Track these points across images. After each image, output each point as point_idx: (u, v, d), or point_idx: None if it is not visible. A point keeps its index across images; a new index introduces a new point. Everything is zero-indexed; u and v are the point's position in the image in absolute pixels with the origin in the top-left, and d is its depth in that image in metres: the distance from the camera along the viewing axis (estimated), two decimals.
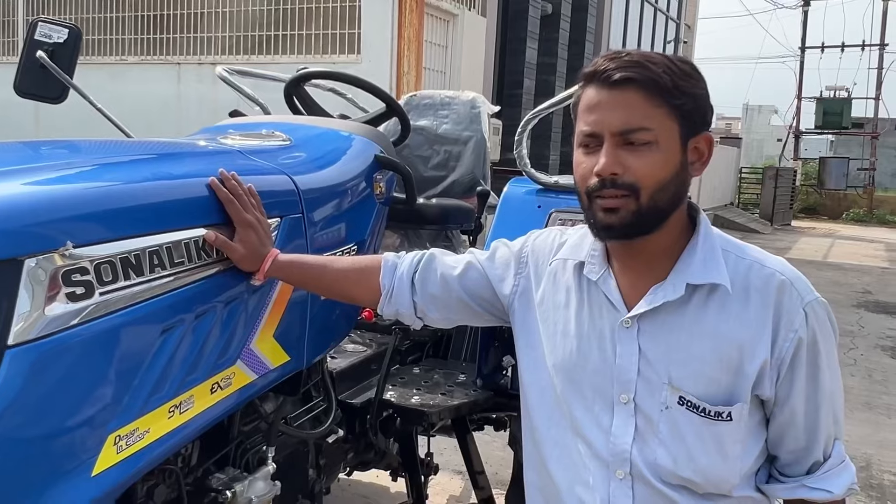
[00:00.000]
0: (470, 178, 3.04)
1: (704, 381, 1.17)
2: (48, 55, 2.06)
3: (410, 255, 1.48)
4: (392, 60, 6.51)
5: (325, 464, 2.02)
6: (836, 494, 1.21)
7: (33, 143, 1.60)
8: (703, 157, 1.21)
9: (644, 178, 1.14)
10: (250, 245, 1.39)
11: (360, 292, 1.49)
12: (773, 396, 1.19)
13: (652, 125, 1.13)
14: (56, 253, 1.07)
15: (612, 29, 12.46)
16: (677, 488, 1.19)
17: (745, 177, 23.66)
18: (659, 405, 1.19)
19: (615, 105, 1.14)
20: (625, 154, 1.14)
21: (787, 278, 1.19)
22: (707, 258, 1.19)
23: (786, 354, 1.17)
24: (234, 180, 1.41)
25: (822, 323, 1.19)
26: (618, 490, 1.21)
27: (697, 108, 1.17)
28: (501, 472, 3.32)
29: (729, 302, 1.18)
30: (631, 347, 1.21)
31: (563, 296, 1.31)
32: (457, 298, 1.43)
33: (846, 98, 26.78)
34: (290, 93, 2.38)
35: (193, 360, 1.30)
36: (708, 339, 1.18)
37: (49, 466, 1.06)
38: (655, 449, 1.19)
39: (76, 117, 3.82)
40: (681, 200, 1.20)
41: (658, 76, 1.13)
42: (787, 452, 1.23)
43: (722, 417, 1.17)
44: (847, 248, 15.06)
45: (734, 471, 1.19)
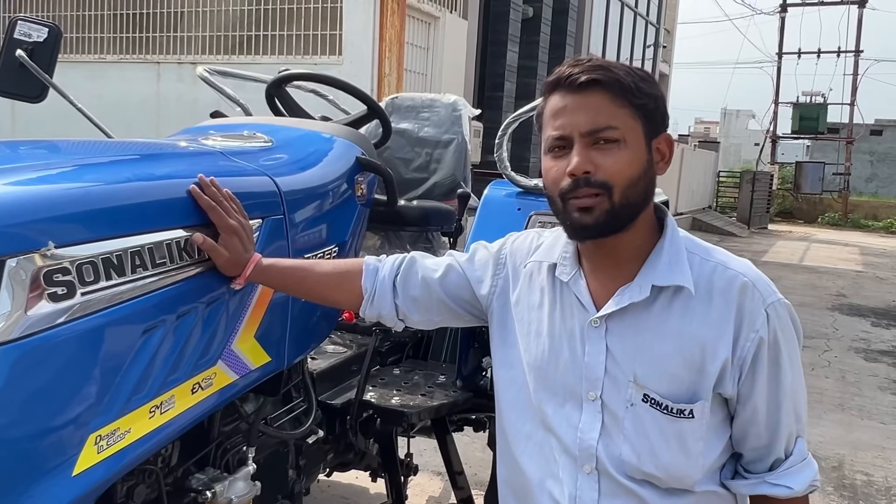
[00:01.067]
0: (451, 180, 3.05)
1: (668, 379, 1.21)
2: (28, 54, 2.05)
3: (391, 258, 1.51)
4: (373, 62, 6.52)
5: (305, 464, 2.02)
6: (796, 491, 1.23)
7: (12, 143, 1.59)
8: (664, 156, 1.26)
9: (615, 176, 1.17)
10: (235, 250, 1.40)
11: (341, 296, 1.52)
12: (735, 395, 1.22)
13: (618, 124, 1.18)
14: (37, 253, 1.07)
15: (593, 32, 12.55)
16: (641, 483, 1.23)
17: (722, 181, 23.89)
18: (624, 402, 1.22)
19: (582, 107, 1.19)
20: (595, 154, 1.18)
21: (749, 280, 1.22)
22: (672, 260, 1.23)
23: (747, 354, 1.20)
24: (213, 186, 1.41)
25: (783, 323, 1.22)
26: (585, 484, 1.24)
27: (657, 108, 1.22)
28: (481, 473, 3.33)
29: (693, 303, 1.21)
30: (599, 346, 1.24)
31: (537, 296, 1.35)
32: (438, 300, 1.46)
33: (822, 103, 27.11)
34: (271, 94, 2.38)
35: (174, 360, 1.30)
36: (672, 338, 1.21)
37: (29, 466, 1.06)
38: (620, 445, 1.23)
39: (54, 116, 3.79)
40: (649, 198, 1.24)
41: (620, 77, 1.18)
42: (750, 450, 1.26)
43: (684, 415, 1.20)
44: (822, 252, 15.26)
45: (696, 467, 1.22)
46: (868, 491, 3.89)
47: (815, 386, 5.68)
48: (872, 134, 31.63)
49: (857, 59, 25.21)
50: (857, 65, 25.24)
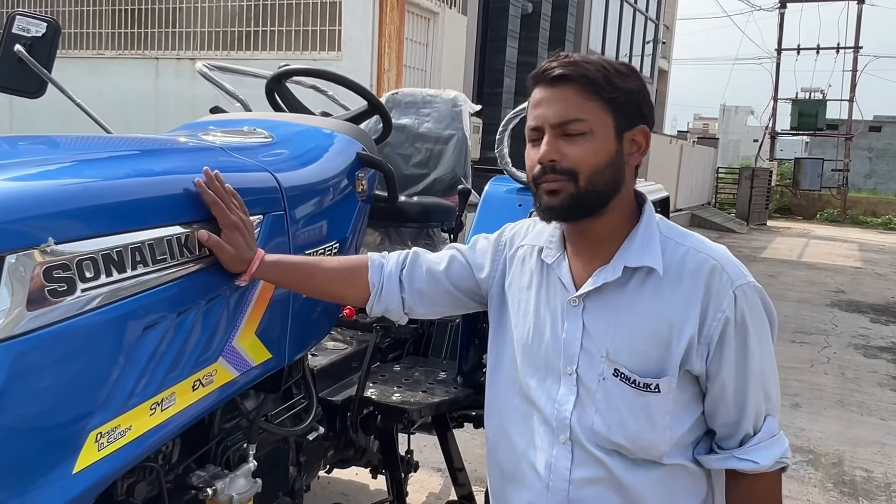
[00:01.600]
0: (451, 176, 3.04)
1: (637, 355, 1.28)
2: (26, 49, 2.03)
3: (394, 254, 1.56)
4: (373, 58, 6.50)
5: (306, 461, 2.02)
6: (762, 465, 1.28)
7: (11, 139, 1.58)
8: (640, 147, 1.32)
9: (580, 164, 1.26)
10: (238, 246, 1.41)
11: (348, 292, 1.56)
12: (703, 372, 1.28)
13: (586, 116, 1.25)
14: (37, 249, 1.06)
15: (592, 28, 12.53)
16: (611, 453, 1.30)
17: (721, 177, 23.88)
18: (597, 376, 1.30)
19: (553, 100, 1.27)
20: (563, 144, 1.26)
21: (718, 263, 1.28)
22: (645, 244, 1.30)
23: (714, 333, 1.26)
24: (217, 181, 1.41)
25: (752, 305, 1.27)
26: (560, 453, 1.33)
27: (630, 102, 1.28)
28: (481, 470, 3.33)
29: (663, 283, 1.28)
30: (576, 324, 1.33)
31: (527, 278, 1.44)
32: (443, 291, 1.53)
33: (821, 100, 27.09)
34: (271, 89, 2.37)
35: (175, 357, 1.30)
36: (642, 316, 1.28)
37: (29, 463, 1.06)
38: (592, 416, 1.30)
39: (52, 112, 3.78)
40: (619, 186, 1.30)
41: (590, 73, 1.25)
42: (720, 426, 1.32)
43: (650, 389, 1.27)
44: (821, 248, 15.27)
45: (662, 439, 1.29)
46: (868, 487, 3.89)
47: (815, 382, 5.69)
48: (871, 130, 31.64)
49: (857, 55, 25.17)
50: (857, 61, 25.21)
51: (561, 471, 1.32)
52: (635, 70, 1.32)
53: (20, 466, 1.05)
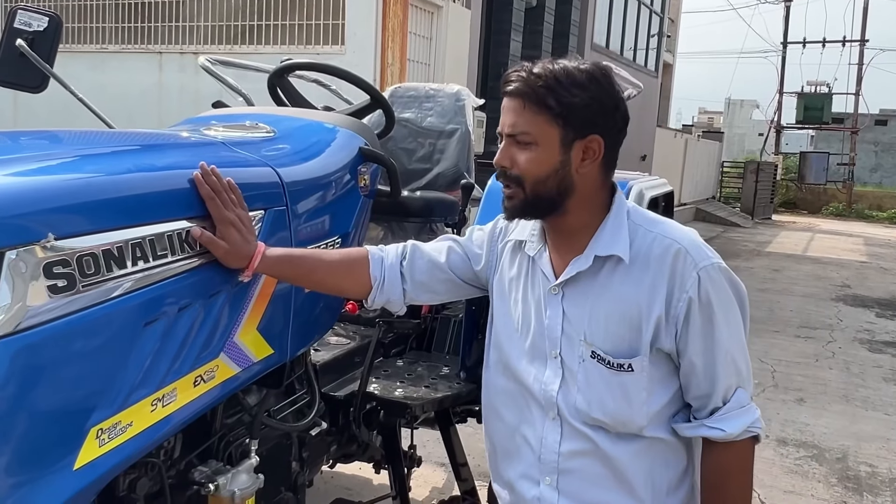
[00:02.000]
0: (454, 170, 3.03)
1: (611, 337, 1.38)
2: (28, 43, 2.03)
3: (391, 246, 1.63)
4: (376, 52, 6.48)
5: (308, 456, 2.01)
6: (729, 433, 1.37)
7: (12, 134, 1.58)
8: (594, 155, 1.38)
9: (525, 173, 1.37)
10: (234, 242, 1.41)
11: (349, 285, 1.61)
12: (674, 349, 1.38)
13: (530, 129, 1.35)
14: (37, 245, 1.06)
15: (597, 22, 12.47)
16: (594, 428, 1.41)
17: (726, 171, 23.80)
18: (577, 358, 1.41)
19: (508, 110, 1.39)
20: (515, 151, 1.38)
21: (682, 247, 1.37)
22: (613, 233, 1.40)
23: (679, 313, 1.35)
24: (214, 175, 1.40)
25: (716, 284, 1.36)
26: (549, 429, 1.44)
27: (578, 115, 1.35)
28: (484, 465, 3.31)
29: (632, 269, 1.38)
30: (557, 310, 1.44)
31: (515, 269, 1.54)
32: (445, 279, 1.62)
33: (827, 93, 26.96)
34: (273, 84, 2.37)
35: (176, 353, 1.29)
36: (614, 301, 1.38)
37: (30, 460, 1.06)
38: (575, 395, 1.41)
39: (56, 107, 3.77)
40: (566, 192, 1.38)
41: (536, 90, 1.34)
42: (693, 398, 1.41)
43: (624, 369, 1.37)
44: (826, 243, 15.22)
45: (640, 414, 1.38)
46: (872, 482, 3.88)
47: (819, 377, 5.68)
48: (877, 124, 31.47)
49: (863, 48, 25.03)
50: (863, 54, 25.08)
51: (551, 444, 1.43)
52: (599, 78, 1.36)
53: (21, 462, 1.04)
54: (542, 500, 1.45)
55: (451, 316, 2.67)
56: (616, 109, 1.39)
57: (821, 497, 3.70)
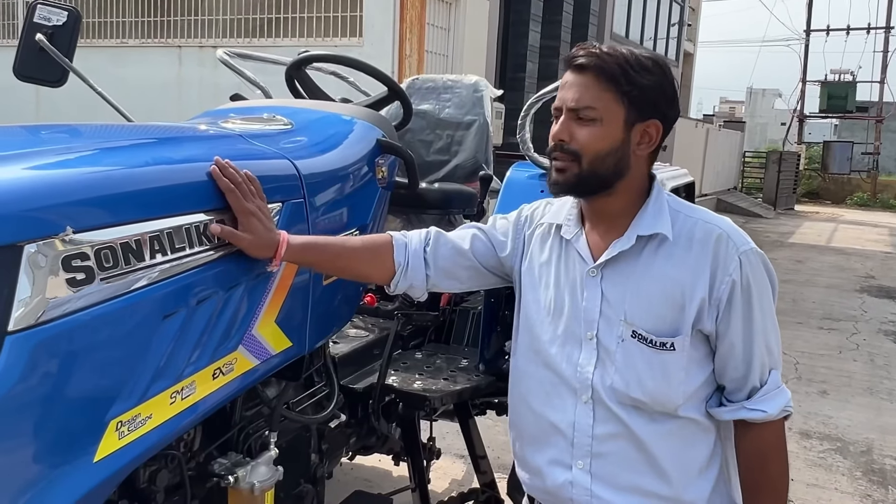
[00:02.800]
0: (472, 162, 3.02)
1: (653, 317, 1.39)
2: (47, 38, 2.04)
3: (415, 232, 1.62)
4: (394, 43, 6.47)
5: (328, 448, 2.02)
6: (770, 414, 1.40)
7: (33, 128, 1.59)
8: (651, 140, 1.41)
9: (584, 147, 1.38)
10: (256, 232, 1.41)
11: (373, 270, 1.61)
12: (714, 331, 1.40)
13: (597, 105, 1.36)
14: (56, 238, 1.06)
15: (616, 11, 12.35)
16: (629, 409, 1.41)
17: (748, 161, 23.55)
18: (616, 339, 1.41)
19: (574, 85, 1.39)
20: (575, 126, 1.38)
21: (724, 231, 1.40)
22: (655, 214, 1.41)
23: (722, 295, 1.37)
24: (231, 168, 1.41)
25: (755, 269, 1.39)
26: (582, 412, 1.44)
27: (645, 96, 1.37)
28: (503, 457, 3.33)
29: (675, 250, 1.40)
30: (595, 292, 1.44)
31: (546, 254, 1.54)
32: (468, 266, 1.61)
33: (851, 81, 26.57)
34: (291, 76, 2.36)
35: (195, 345, 1.29)
36: (656, 281, 1.39)
37: (51, 452, 1.06)
38: (612, 375, 1.41)
39: (77, 101, 3.80)
40: (621, 172, 1.40)
41: (608, 66, 1.36)
42: (729, 380, 1.42)
43: (666, 347, 1.38)
44: (850, 233, 15.02)
45: (678, 393, 1.40)
46: None
47: (844, 369, 5.61)
48: None
49: (888, 35, 24.58)
50: (888, 41, 24.63)
51: (584, 427, 1.44)
52: (662, 66, 1.40)
53: (41, 455, 1.05)
54: (575, 484, 1.45)
55: (470, 308, 2.66)
56: (674, 100, 1.43)
57: (844, 490, 3.66)
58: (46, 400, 1.04)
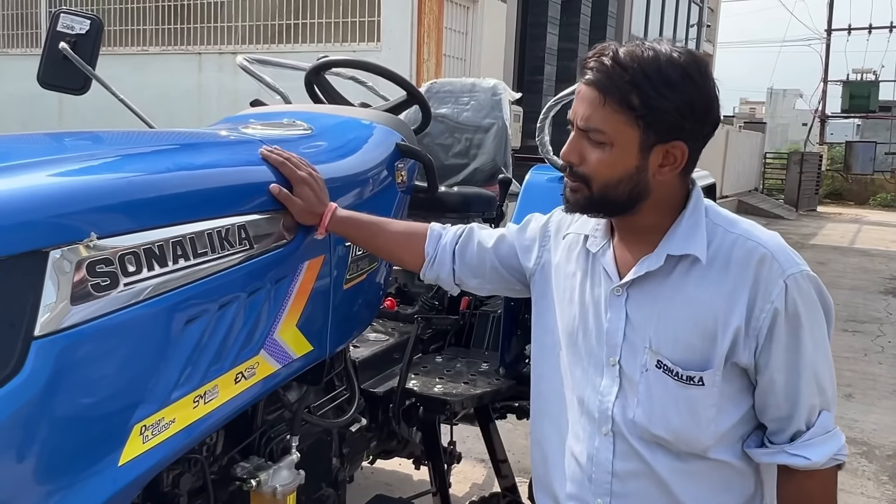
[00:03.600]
0: (491, 165, 3.02)
1: (681, 346, 1.24)
2: (70, 46, 2.06)
3: (455, 227, 1.61)
4: (412, 48, 6.48)
5: (349, 452, 2.02)
6: (814, 462, 1.22)
7: (57, 135, 1.61)
8: (676, 161, 1.23)
9: (593, 174, 1.24)
10: (308, 199, 1.49)
11: (406, 255, 1.61)
12: (752, 364, 1.23)
13: (607, 129, 1.20)
14: (81, 244, 1.07)
15: (634, 13, 12.30)
16: (652, 446, 1.27)
17: (769, 162, 23.35)
18: (640, 368, 1.27)
19: (584, 101, 1.23)
20: (585, 147, 1.24)
21: (768, 251, 1.21)
22: (689, 232, 1.25)
23: (763, 324, 1.20)
24: (276, 152, 1.50)
25: (805, 295, 1.21)
26: (602, 445, 1.31)
27: (665, 119, 1.19)
28: (524, 461, 3.32)
29: (709, 272, 1.23)
30: (619, 314, 1.30)
31: (572, 266, 1.41)
32: (491, 267, 1.55)
33: (873, 81, 26.32)
34: (310, 81, 2.37)
35: (217, 350, 1.30)
36: (686, 306, 1.24)
37: (77, 455, 1.07)
38: (634, 408, 1.27)
39: (99, 108, 3.84)
40: (639, 197, 1.25)
41: (619, 85, 1.17)
42: (770, 420, 1.26)
43: (694, 382, 1.23)
44: (874, 234, 14.83)
45: (707, 432, 1.24)
46: None
47: (869, 372, 5.53)
48: None
49: None
50: None
51: (603, 462, 1.30)
52: (692, 76, 1.18)
53: (66, 459, 1.06)
54: None
55: (490, 312, 2.66)
56: (708, 112, 1.22)
57: (871, 495, 3.61)
58: (72, 404, 1.05)
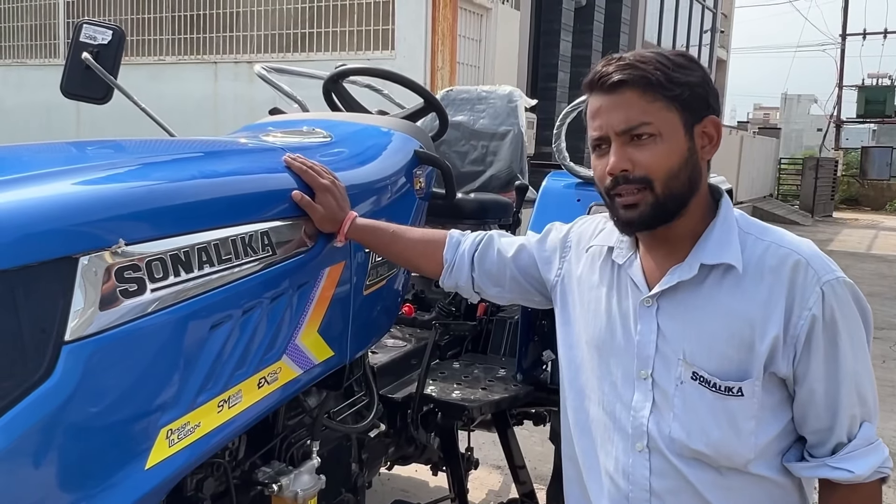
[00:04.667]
0: (507, 172, 3.02)
1: (717, 357, 1.21)
2: (93, 56, 2.09)
3: (474, 234, 1.60)
4: (426, 56, 6.51)
5: (368, 458, 2.03)
6: (857, 475, 1.19)
7: (80, 143, 1.63)
8: (712, 139, 1.25)
9: (654, 170, 1.20)
10: (329, 207, 1.51)
11: (425, 263, 1.61)
12: (790, 374, 1.21)
13: (651, 119, 1.20)
14: (109, 251, 1.09)
15: (648, 20, 12.30)
16: (690, 462, 1.24)
17: (784, 168, 23.23)
18: (674, 380, 1.24)
19: (614, 107, 1.21)
20: (632, 150, 1.21)
21: (802, 257, 1.20)
22: (722, 240, 1.23)
23: (800, 332, 1.18)
24: (299, 160, 1.52)
25: (842, 302, 1.19)
26: (637, 461, 1.27)
27: (695, 95, 1.22)
28: (540, 467, 3.31)
29: (743, 281, 1.21)
30: (650, 325, 1.27)
31: (597, 277, 1.39)
32: (510, 277, 1.54)
33: (889, 86, 26.12)
34: (328, 89, 2.39)
35: (241, 355, 1.32)
36: (721, 316, 1.21)
37: (105, 459, 1.09)
38: (670, 423, 1.24)
39: (117, 117, 3.88)
40: (696, 185, 1.24)
41: (649, 73, 1.20)
42: (810, 432, 1.24)
43: (733, 393, 1.20)
44: (891, 240, 14.70)
45: (748, 445, 1.22)
46: None
47: (887, 379, 5.48)
48: None
49: None
50: None
51: (640, 480, 1.27)
52: (693, 59, 1.26)
53: (94, 462, 1.07)
54: None
55: (507, 318, 2.67)
56: (717, 94, 1.27)
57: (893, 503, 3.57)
58: (101, 408, 1.07)
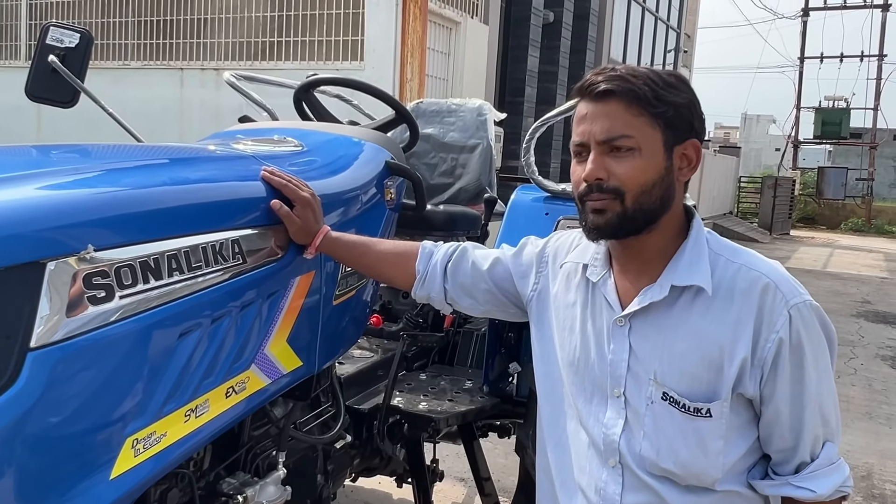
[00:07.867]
0: (476, 185, 3.04)
1: (687, 378, 1.23)
2: (59, 59, 2.06)
3: (447, 245, 1.60)
4: (395, 67, 6.52)
5: (333, 469, 2.02)
6: (819, 494, 1.23)
7: (46, 148, 1.60)
8: (691, 162, 1.27)
9: (627, 182, 1.22)
10: (306, 220, 1.51)
11: (396, 274, 1.61)
12: (757, 395, 1.23)
13: (633, 133, 1.21)
14: (77, 256, 1.07)
15: (613, 38, 12.49)
16: (661, 479, 1.26)
17: (743, 186, 23.70)
18: (645, 400, 1.26)
19: (599, 116, 1.23)
20: (609, 161, 1.23)
21: (771, 281, 1.22)
22: (693, 261, 1.25)
23: (767, 355, 1.21)
24: (277, 174, 1.51)
25: (808, 325, 1.22)
26: (609, 478, 1.29)
27: (680, 115, 1.24)
28: (504, 480, 3.32)
29: (713, 303, 1.23)
30: (622, 344, 1.29)
31: (572, 295, 1.40)
32: (484, 289, 1.53)
33: (845, 108, 26.89)
34: (299, 98, 2.39)
35: (209, 364, 1.30)
36: (691, 338, 1.23)
37: (69, 468, 1.06)
38: (641, 441, 1.26)
39: (78, 122, 3.82)
40: (668, 203, 1.26)
41: (637, 87, 1.21)
42: (775, 451, 1.26)
43: (701, 414, 1.23)
44: (846, 258, 15.08)
45: (716, 465, 1.24)
46: None
47: (842, 394, 5.61)
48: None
49: (881, 63, 24.97)
50: (881, 69, 25.03)
51: (611, 496, 1.29)
52: (685, 80, 1.28)
53: (59, 471, 1.05)
54: None
55: (474, 330, 2.67)
56: (702, 114, 1.28)
57: None
58: (66, 415, 1.05)
